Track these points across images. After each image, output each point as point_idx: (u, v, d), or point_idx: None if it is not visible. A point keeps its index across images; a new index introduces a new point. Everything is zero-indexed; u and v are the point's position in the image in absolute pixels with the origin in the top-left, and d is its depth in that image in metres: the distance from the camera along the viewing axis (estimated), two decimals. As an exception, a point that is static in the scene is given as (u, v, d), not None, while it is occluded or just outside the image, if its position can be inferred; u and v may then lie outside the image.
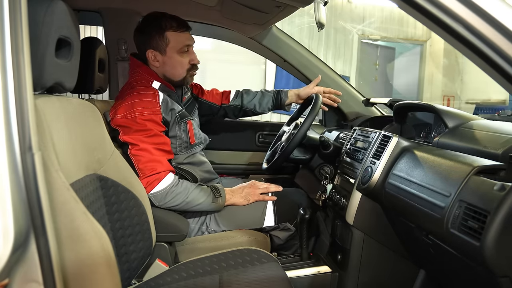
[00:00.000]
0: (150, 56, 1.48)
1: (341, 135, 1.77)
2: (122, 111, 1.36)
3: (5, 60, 0.54)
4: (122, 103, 1.38)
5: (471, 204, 0.82)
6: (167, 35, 1.45)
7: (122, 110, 1.36)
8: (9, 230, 0.51)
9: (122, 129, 1.36)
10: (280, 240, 1.56)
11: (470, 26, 0.68)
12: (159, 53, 1.47)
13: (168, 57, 1.48)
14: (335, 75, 2.02)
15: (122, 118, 1.35)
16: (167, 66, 1.49)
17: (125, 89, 1.46)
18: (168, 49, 1.47)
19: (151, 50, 1.47)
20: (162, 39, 1.45)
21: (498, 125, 1.13)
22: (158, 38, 1.45)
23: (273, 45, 1.96)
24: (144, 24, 1.50)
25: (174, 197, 1.36)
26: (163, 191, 1.35)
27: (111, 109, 1.40)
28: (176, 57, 1.48)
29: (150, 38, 1.46)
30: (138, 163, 1.33)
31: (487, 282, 0.87)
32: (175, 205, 1.38)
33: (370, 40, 7.87)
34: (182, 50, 1.48)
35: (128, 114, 1.35)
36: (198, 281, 1.07)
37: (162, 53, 1.47)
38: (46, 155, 0.66)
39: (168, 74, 1.51)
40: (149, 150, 1.34)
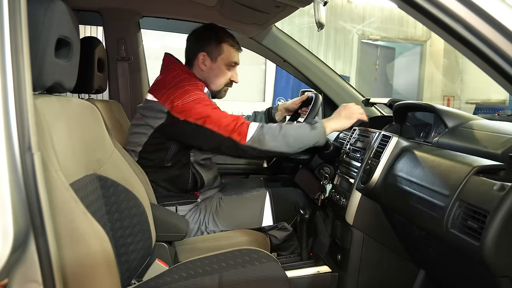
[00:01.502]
0: (200, 59, 1.55)
1: (341, 135, 1.77)
2: (179, 98, 1.38)
3: (5, 60, 0.53)
4: (176, 92, 1.40)
5: (471, 204, 0.82)
6: (223, 46, 1.56)
7: (178, 97, 1.38)
8: (8, 230, 0.51)
9: (186, 113, 1.37)
10: (277, 240, 1.56)
11: (470, 26, 0.68)
12: (210, 59, 1.56)
13: (217, 65, 1.57)
14: (335, 75, 2.01)
15: (181, 103, 1.37)
16: (212, 73, 1.57)
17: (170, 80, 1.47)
18: (219, 58, 1.56)
19: (203, 54, 1.55)
20: (218, 47, 1.55)
21: (498, 125, 1.13)
22: (215, 45, 1.55)
23: (273, 45, 1.96)
24: (205, 29, 1.60)
25: (271, 133, 1.35)
26: (258, 132, 1.35)
27: (162, 101, 1.40)
28: (223, 68, 1.58)
29: (207, 43, 1.55)
30: (220, 126, 1.35)
31: (487, 282, 0.87)
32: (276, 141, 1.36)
33: (370, 40, 7.87)
34: (230, 64, 1.59)
35: (186, 99, 1.38)
36: (198, 281, 1.07)
37: (213, 60, 1.56)
38: (45, 155, 0.66)
39: (209, 80, 1.57)
40: (222, 113, 1.39)
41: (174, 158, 1.47)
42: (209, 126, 1.35)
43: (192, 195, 1.55)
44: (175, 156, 1.47)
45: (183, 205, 1.51)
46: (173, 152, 1.46)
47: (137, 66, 2.01)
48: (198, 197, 1.56)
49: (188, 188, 1.52)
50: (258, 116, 1.89)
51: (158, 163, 1.47)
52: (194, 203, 1.54)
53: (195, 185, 1.53)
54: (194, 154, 1.52)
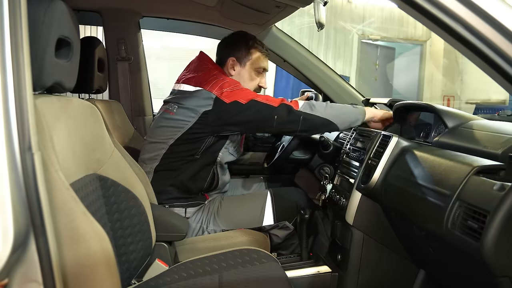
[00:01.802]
0: (230, 64, 1.61)
1: (341, 135, 1.77)
2: (227, 86, 1.44)
3: (5, 60, 0.53)
4: (222, 81, 1.46)
5: (471, 204, 0.82)
6: (252, 51, 1.61)
7: (226, 85, 1.44)
8: (8, 230, 0.51)
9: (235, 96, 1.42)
10: (278, 239, 1.56)
11: (470, 26, 0.68)
12: (239, 64, 1.61)
13: (246, 70, 1.61)
14: (335, 75, 2.01)
15: (230, 90, 1.43)
16: (241, 77, 1.61)
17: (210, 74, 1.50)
18: (248, 63, 1.61)
19: (232, 59, 1.60)
20: (247, 52, 1.60)
21: (498, 125, 1.13)
22: (244, 50, 1.60)
23: (273, 45, 1.96)
24: (236, 35, 1.66)
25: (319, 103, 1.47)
26: (306, 103, 1.46)
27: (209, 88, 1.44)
28: (252, 73, 1.62)
29: (237, 48, 1.60)
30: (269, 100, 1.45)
31: (487, 281, 0.87)
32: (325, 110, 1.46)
33: (370, 40, 7.87)
34: (258, 70, 1.63)
35: (234, 87, 1.45)
36: (198, 281, 1.07)
37: (242, 65, 1.61)
38: (45, 155, 0.66)
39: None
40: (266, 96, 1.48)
41: (205, 152, 1.49)
42: (260, 100, 1.42)
43: (202, 196, 1.56)
44: (207, 150, 1.49)
45: (191, 207, 1.51)
46: (207, 145, 1.48)
47: (137, 66, 2.01)
48: (206, 199, 1.57)
49: (204, 187, 1.54)
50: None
51: (188, 155, 1.48)
52: (201, 204, 1.54)
53: (211, 185, 1.55)
54: (222, 155, 1.54)
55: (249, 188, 1.85)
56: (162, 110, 1.55)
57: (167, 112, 1.50)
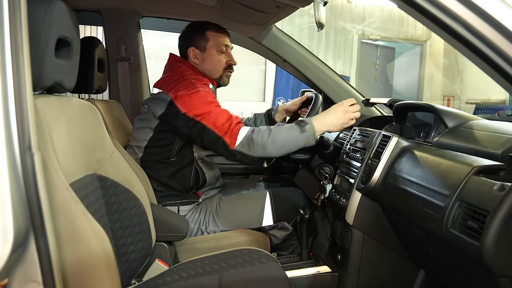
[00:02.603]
0: (191, 54, 1.58)
1: (341, 135, 1.77)
2: (184, 89, 1.41)
3: (5, 60, 0.53)
4: (181, 83, 1.42)
5: (471, 204, 0.82)
6: (208, 34, 1.58)
7: (183, 88, 1.41)
8: (8, 230, 0.51)
9: (188, 105, 1.39)
10: (277, 240, 1.56)
11: (470, 26, 0.68)
12: (199, 50, 1.58)
13: (208, 54, 1.58)
14: (335, 75, 2.01)
15: (186, 94, 1.40)
16: (206, 63, 1.58)
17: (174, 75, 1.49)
18: (208, 47, 1.58)
19: (192, 48, 1.58)
20: (203, 37, 1.57)
21: (498, 125, 1.13)
22: (199, 36, 1.57)
23: (273, 45, 1.96)
24: (188, 27, 1.63)
25: (259, 139, 1.36)
26: (247, 136, 1.37)
27: (168, 90, 1.42)
28: (215, 54, 1.59)
29: (192, 37, 1.58)
30: (215, 124, 1.38)
31: (487, 282, 0.87)
32: (264, 149, 1.37)
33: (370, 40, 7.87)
34: (221, 49, 1.59)
35: (191, 89, 1.41)
36: (198, 281, 1.07)
37: (202, 51, 1.58)
38: (45, 155, 0.66)
39: (207, 71, 1.59)
40: (220, 112, 1.41)
41: (179, 154, 1.49)
42: (205, 123, 1.38)
43: (194, 194, 1.55)
44: (180, 152, 1.49)
45: (185, 205, 1.51)
46: (178, 147, 1.48)
47: (137, 66, 2.01)
48: (200, 197, 1.56)
49: (190, 186, 1.53)
50: (259, 118, 1.89)
51: (162, 158, 1.48)
52: (195, 203, 1.54)
53: (197, 182, 1.54)
54: (197, 150, 1.53)
55: (248, 188, 1.85)
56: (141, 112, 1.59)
57: (142, 114, 1.54)
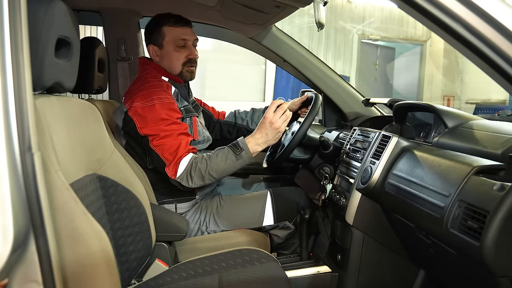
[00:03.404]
0: (152, 52, 1.54)
1: (341, 135, 1.77)
2: (140, 100, 1.37)
3: (5, 60, 0.53)
4: (138, 93, 1.39)
5: (471, 204, 0.82)
6: (164, 30, 1.50)
7: (139, 99, 1.37)
8: (8, 230, 0.51)
9: (140, 120, 1.36)
10: (279, 239, 1.56)
11: (470, 26, 0.68)
12: (158, 47, 1.52)
13: (165, 51, 1.51)
14: (335, 75, 2.01)
15: (140, 106, 1.36)
16: (164, 59, 1.53)
17: (137, 82, 1.49)
18: (164, 43, 1.51)
19: (151, 45, 1.53)
20: (160, 33, 1.51)
21: (498, 125, 1.13)
22: (156, 32, 1.51)
23: (273, 45, 1.96)
24: (147, 25, 1.57)
25: (198, 172, 1.34)
26: (185, 172, 1.34)
27: (126, 100, 1.42)
28: (172, 50, 1.51)
29: (150, 34, 1.53)
30: (163, 152, 1.35)
31: (487, 282, 0.87)
32: (203, 181, 1.35)
33: (370, 40, 7.87)
34: (178, 44, 1.51)
35: (146, 102, 1.36)
36: (198, 281, 1.07)
37: (160, 47, 1.52)
38: (45, 155, 0.66)
39: (166, 68, 1.54)
40: (171, 138, 1.36)
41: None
42: (153, 147, 1.35)
43: (191, 191, 1.54)
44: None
45: (182, 203, 1.50)
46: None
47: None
48: (196, 193, 1.55)
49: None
50: (256, 113, 1.87)
51: (142, 166, 1.45)
52: (193, 200, 1.53)
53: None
54: None
55: (249, 188, 1.84)
56: None
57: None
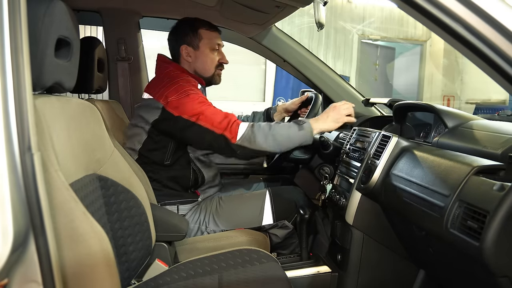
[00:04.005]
0: (184, 52, 1.57)
1: (341, 135, 1.77)
2: (173, 93, 1.40)
3: (5, 60, 0.53)
4: (170, 88, 1.41)
5: (471, 204, 0.82)
6: (200, 32, 1.57)
7: (173, 93, 1.40)
8: (8, 230, 0.51)
9: (180, 109, 1.38)
10: (278, 238, 1.56)
11: (470, 27, 0.68)
12: (192, 48, 1.57)
13: (201, 52, 1.57)
14: (335, 75, 2.01)
15: (175, 99, 1.39)
16: (198, 61, 1.58)
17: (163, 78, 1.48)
18: (201, 45, 1.57)
19: (185, 46, 1.57)
20: (196, 35, 1.57)
21: (498, 125, 1.13)
22: (192, 34, 1.56)
23: (273, 45, 1.96)
24: (179, 24, 1.62)
25: (261, 132, 1.37)
26: (248, 131, 1.37)
27: (158, 96, 1.42)
28: (208, 52, 1.58)
29: (185, 35, 1.57)
30: (213, 124, 1.37)
31: (487, 282, 0.87)
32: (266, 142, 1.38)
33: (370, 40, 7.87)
34: (213, 47, 1.59)
35: (180, 94, 1.40)
36: (197, 281, 1.07)
37: (195, 48, 1.57)
38: (45, 155, 0.66)
39: (199, 69, 1.58)
40: (214, 111, 1.40)
41: (173, 156, 1.49)
42: (202, 123, 1.37)
43: (193, 193, 1.56)
44: (174, 154, 1.49)
45: (184, 204, 1.51)
46: (172, 150, 1.48)
47: (137, 66, 2.01)
48: (199, 196, 1.56)
49: (189, 185, 1.53)
50: (257, 116, 1.89)
51: (158, 162, 1.48)
52: (195, 202, 1.54)
53: (196, 182, 1.54)
54: (192, 151, 1.53)
55: (248, 188, 1.85)
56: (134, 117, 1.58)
57: (134, 119, 1.54)
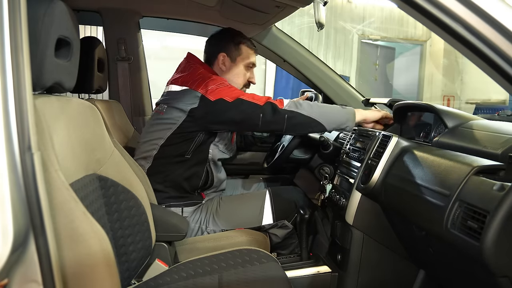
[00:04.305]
0: (220, 59, 1.62)
1: (340, 135, 1.77)
2: (212, 83, 1.45)
3: (5, 60, 0.53)
4: (208, 79, 1.46)
5: (471, 204, 0.82)
6: (242, 47, 1.63)
7: (211, 83, 1.45)
8: (8, 230, 0.51)
9: (220, 94, 1.42)
10: (278, 238, 1.56)
11: (470, 27, 0.68)
12: (230, 59, 1.62)
13: (236, 65, 1.63)
14: (335, 75, 2.01)
15: (215, 88, 1.44)
16: (231, 73, 1.62)
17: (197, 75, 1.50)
18: (238, 59, 1.62)
19: (223, 54, 1.61)
20: (237, 48, 1.62)
21: (498, 125, 1.13)
22: (234, 46, 1.62)
23: (273, 45, 1.96)
24: (223, 32, 1.68)
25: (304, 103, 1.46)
26: (291, 101, 1.46)
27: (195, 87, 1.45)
28: (242, 68, 1.64)
29: (226, 44, 1.62)
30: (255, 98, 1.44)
31: (487, 282, 0.87)
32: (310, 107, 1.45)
33: (370, 40, 7.87)
34: (248, 65, 1.65)
35: (219, 85, 1.45)
36: (197, 281, 1.07)
37: (232, 60, 1.62)
38: (45, 155, 0.66)
39: (229, 80, 1.60)
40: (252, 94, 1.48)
41: (195, 151, 1.50)
42: (245, 99, 1.42)
43: (199, 195, 1.57)
44: (197, 149, 1.50)
45: (189, 206, 1.52)
46: (197, 143, 1.49)
47: (137, 66, 2.01)
48: (203, 199, 1.57)
49: (198, 186, 1.54)
50: None
51: (178, 154, 1.48)
52: (199, 203, 1.54)
53: (205, 183, 1.55)
54: (213, 151, 1.54)
55: (248, 188, 1.85)
56: (154, 111, 1.58)
57: (158, 113, 1.53)
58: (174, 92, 1.50)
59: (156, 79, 2.55)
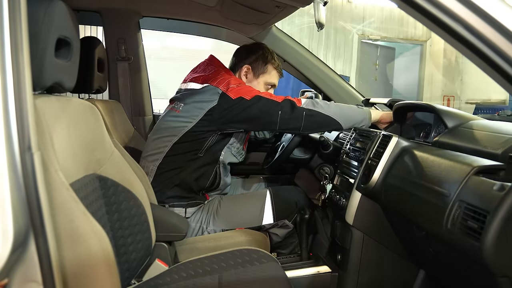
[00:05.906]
0: (244, 70, 1.65)
1: (340, 135, 1.77)
2: (234, 82, 1.47)
3: (5, 60, 0.53)
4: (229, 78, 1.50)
5: (471, 204, 0.82)
6: (268, 66, 1.65)
7: (233, 81, 1.48)
8: (8, 230, 0.51)
9: (240, 92, 1.44)
10: (278, 238, 1.57)
11: (470, 27, 0.68)
12: (253, 73, 1.65)
13: (257, 81, 1.65)
14: (335, 75, 2.01)
15: (235, 86, 1.46)
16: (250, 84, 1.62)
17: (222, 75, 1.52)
18: (261, 76, 1.65)
19: (248, 66, 1.65)
20: (263, 65, 1.65)
21: (498, 125, 1.13)
22: (261, 62, 1.65)
23: (273, 45, 1.96)
24: (256, 45, 1.70)
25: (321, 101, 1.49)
26: (308, 100, 1.48)
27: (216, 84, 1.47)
28: (262, 86, 1.66)
29: (255, 58, 1.65)
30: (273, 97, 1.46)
31: (487, 282, 0.87)
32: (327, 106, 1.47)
33: (370, 40, 7.88)
34: (268, 84, 1.67)
35: (240, 84, 1.49)
36: (197, 281, 1.07)
37: (255, 75, 1.65)
38: (45, 155, 0.66)
39: None
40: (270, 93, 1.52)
41: (208, 151, 1.50)
42: (264, 96, 1.44)
43: (203, 196, 1.57)
44: (210, 149, 1.50)
45: (192, 207, 1.52)
46: (211, 143, 1.49)
47: (137, 66, 2.01)
48: (206, 199, 1.57)
49: (205, 186, 1.54)
50: None
51: (190, 153, 1.48)
52: (201, 204, 1.54)
53: (212, 184, 1.56)
54: (225, 153, 1.55)
55: (249, 188, 1.85)
56: (168, 108, 1.58)
57: (173, 111, 1.52)
58: (193, 89, 1.51)
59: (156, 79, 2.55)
